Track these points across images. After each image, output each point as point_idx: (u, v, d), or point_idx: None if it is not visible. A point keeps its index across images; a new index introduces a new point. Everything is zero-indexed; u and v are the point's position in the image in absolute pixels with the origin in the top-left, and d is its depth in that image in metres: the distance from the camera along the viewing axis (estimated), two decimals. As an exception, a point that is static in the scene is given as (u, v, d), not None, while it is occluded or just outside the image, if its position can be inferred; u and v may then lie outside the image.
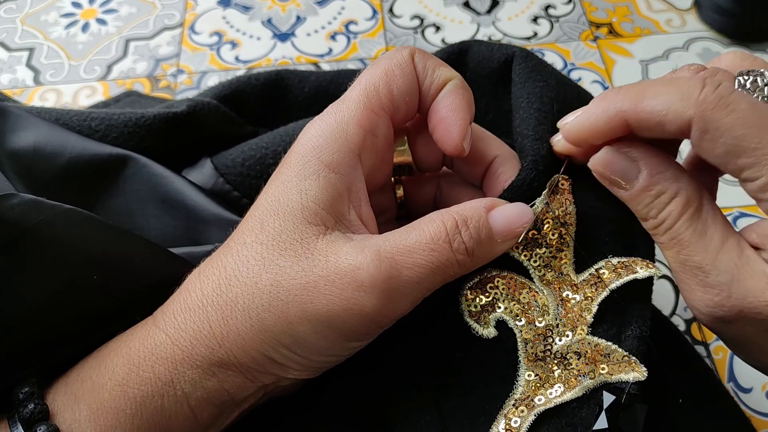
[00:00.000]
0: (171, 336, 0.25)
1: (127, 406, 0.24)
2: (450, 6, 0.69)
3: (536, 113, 0.32)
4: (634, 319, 0.29)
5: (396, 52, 0.29)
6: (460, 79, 0.29)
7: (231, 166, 0.39)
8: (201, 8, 0.70)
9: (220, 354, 0.25)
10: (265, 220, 0.26)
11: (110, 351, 0.26)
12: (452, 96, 0.28)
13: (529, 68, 0.35)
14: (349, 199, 0.27)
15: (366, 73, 0.29)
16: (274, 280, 0.25)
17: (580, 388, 0.27)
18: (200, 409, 0.25)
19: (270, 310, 0.25)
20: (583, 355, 0.28)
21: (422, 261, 0.25)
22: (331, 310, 0.25)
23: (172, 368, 0.25)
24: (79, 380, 0.25)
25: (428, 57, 0.29)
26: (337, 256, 0.25)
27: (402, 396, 0.29)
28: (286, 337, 0.25)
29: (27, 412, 0.24)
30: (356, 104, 0.28)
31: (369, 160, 0.29)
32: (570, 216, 0.29)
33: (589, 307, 0.29)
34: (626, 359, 0.28)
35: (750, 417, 0.44)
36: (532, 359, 0.28)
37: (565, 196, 0.30)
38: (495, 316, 0.29)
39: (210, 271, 0.26)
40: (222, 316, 0.25)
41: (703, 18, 0.66)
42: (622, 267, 0.29)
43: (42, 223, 0.25)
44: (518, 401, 0.27)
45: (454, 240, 0.26)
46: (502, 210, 0.28)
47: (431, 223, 0.26)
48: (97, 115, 0.39)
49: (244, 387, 0.26)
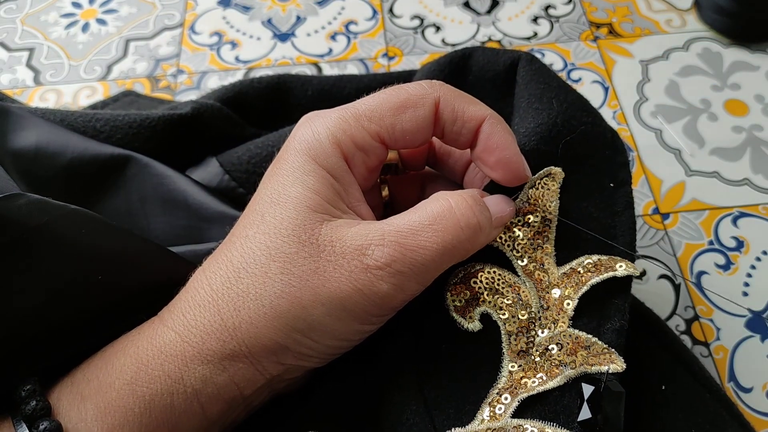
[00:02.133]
0: (180, 333, 0.25)
1: (135, 405, 0.24)
2: (450, 6, 0.69)
3: (534, 111, 0.33)
4: (613, 313, 0.30)
5: (424, 90, 0.28)
6: (493, 113, 0.29)
7: (237, 164, 0.39)
8: (201, 8, 0.70)
9: (232, 345, 0.25)
10: (266, 211, 0.27)
11: (117, 351, 0.26)
12: (499, 135, 0.28)
13: (533, 72, 0.35)
14: (347, 200, 0.28)
15: (384, 94, 0.28)
16: (284, 267, 0.25)
17: (561, 377, 0.28)
18: (210, 406, 0.26)
19: (283, 297, 0.25)
20: (564, 346, 0.29)
21: (427, 243, 0.26)
22: (344, 292, 0.25)
23: (182, 365, 0.25)
24: (85, 380, 0.25)
25: (457, 97, 0.29)
26: (342, 240, 0.25)
27: (389, 386, 0.30)
28: (300, 323, 0.25)
29: (29, 409, 0.24)
30: (356, 120, 0.28)
31: (358, 171, 0.29)
32: (552, 211, 0.30)
33: (570, 301, 0.29)
34: (606, 351, 0.28)
35: (750, 417, 0.44)
36: (516, 350, 0.29)
37: (549, 191, 0.30)
38: (479, 310, 0.29)
39: (216, 267, 0.26)
40: (234, 307, 0.25)
41: (703, 18, 0.66)
42: (602, 264, 0.30)
43: (48, 223, 0.25)
44: (502, 390, 0.28)
45: (463, 215, 0.27)
46: (491, 198, 0.29)
47: (436, 202, 0.27)
48: (102, 116, 0.39)
49: (254, 380, 0.26)
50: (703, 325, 0.48)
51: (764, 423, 0.44)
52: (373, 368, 0.30)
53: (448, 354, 0.30)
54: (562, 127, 0.32)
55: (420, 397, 0.29)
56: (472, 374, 0.29)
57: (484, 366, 0.29)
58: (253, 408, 0.28)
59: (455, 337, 0.30)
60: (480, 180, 0.32)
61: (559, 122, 0.32)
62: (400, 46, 0.66)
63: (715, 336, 0.48)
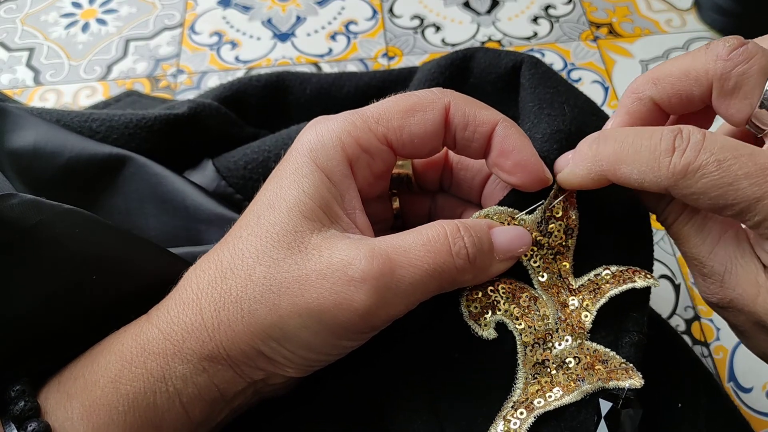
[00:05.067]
0: (163, 330, 0.25)
1: (119, 403, 0.24)
2: (450, 6, 0.69)
3: (547, 117, 0.32)
4: (631, 327, 0.29)
5: (433, 96, 0.28)
6: (505, 118, 0.28)
7: (233, 169, 0.39)
8: (201, 8, 0.70)
9: (210, 347, 0.25)
10: (262, 213, 0.26)
11: (103, 349, 0.26)
12: (514, 138, 0.28)
13: (539, 75, 0.35)
14: (343, 206, 0.27)
15: (394, 99, 0.28)
16: (267, 272, 0.25)
17: (578, 392, 0.27)
18: (192, 406, 0.25)
19: (261, 302, 0.25)
20: (582, 360, 0.28)
21: (418, 261, 0.25)
22: (322, 305, 0.24)
23: (163, 363, 0.25)
24: (71, 378, 0.25)
25: (468, 102, 0.28)
26: (330, 251, 0.25)
27: (398, 395, 0.29)
28: (276, 331, 0.25)
29: (17, 410, 0.24)
30: (363, 122, 0.27)
31: (362, 175, 0.28)
32: (573, 221, 0.29)
33: (587, 313, 0.29)
34: (623, 366, 0.28)
35: (750, 417, 0.44)
36: (531, 362, 0.28)
37: (569, 201, 0.30)
38: (495, 318, 0.29)
39: (206, 266, 0.26)
40: (215, 308, 0.25)
41: (703, 18, 0.66)
42: (620, 275, 0.29)
43: (41, 224, 0.25)
44: (517, 403, 0.27)
45: (455, 243, 0.26)
46: (504, 229, 0.28)
47: (431, 228, 0.26)
48: (98, 117, 0.39)
49: (234, 382, 0.26)
50: (703, 325, 0.48)
51: (764, 423, 0.44)
52: (381, 371, 0.30)
53: (461, 363, 0.29)
54: (576, 135, 0.31)
55: (430, 407, 0.28)
56: (486, 385, 0.28)
57: (497, 377, 0.28)
58: (239, 409, 0.28)
59: (469, 346, 0.29)
60: (500, 192, 0.30)
61: (573, 130, 0.32)
62: (400, 46, 0.66)
63: (715, 336, 0.48)
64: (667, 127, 0.26)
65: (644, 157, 0.26)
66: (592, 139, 0.28)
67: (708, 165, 0.24)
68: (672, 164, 0.25)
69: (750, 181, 0.24)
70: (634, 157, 0.26)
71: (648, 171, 0.26)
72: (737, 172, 0.24)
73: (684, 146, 0.25)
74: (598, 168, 0.27)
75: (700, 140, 0.25)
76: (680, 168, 0.25)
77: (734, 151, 0.24)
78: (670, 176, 0.25)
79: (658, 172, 0.25)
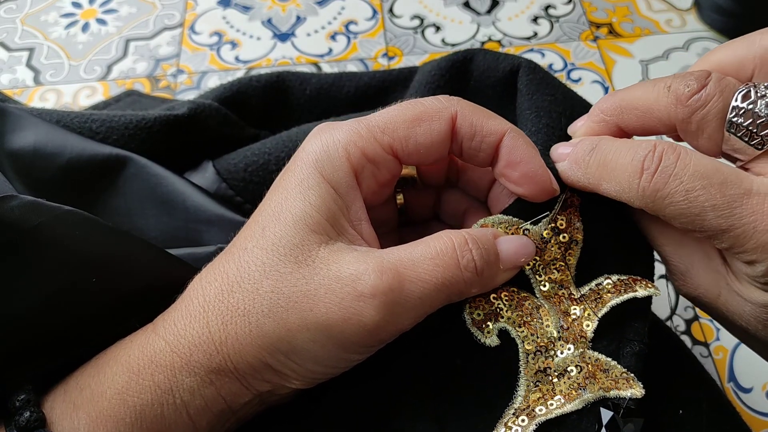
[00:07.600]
0: (170, 343, 0.25)
1: (126, 415, 0.24)
2: (450, 6, 0.69)
3: (545, 128, 0.32)
4: (633, 337, 0.29)
5: (440, 104, 0.28)
6: (513, 127, 0.28)
7: (233, 171, 0.39)
8: (201, 8, 0.70)
9: (218, 360, 0.25)
10: (267, 225, 0.26)
11: (109, 359, 0.26)
12: (522, 149, 0.28)
13: (537, 80, 0.35)
14: (348, 217, 0.27)
15: (400, 107, 0.28)
16: (275, 286, 0.25)
17: (579, 401, 0.27)
18: (199, 417, 0.25)
19: (269, 316, 0.25)
20: (583, 368, 0.28)
21: (426, 275, 0.25)
22: (330, 319, 0.24)
23: (171, 376, 0.25)
24: (77, 388, 0.25)
25: (475, 112, 0.28)
26: (338, 264, 0.25)
27: (400, 401, 0.29)
28: (284, 344, 0.25)
29: (23, 420, 0.24)
30: (368, 132, 0.27)
31: (367, 185, 0.28)
32: (577, 231, 0.30)
33: (589, 322, 0.29)
34: (624, 375, 0.28)
35: (750, 417, 0.44)
36: (533, 370, 0.28)
37: (573, 211, 0.30)
38: (498, 326, 0.29)
39: (212, 278, 0.26)
40: (222, 321, 0.25)
41: (703, 18, 0.66)
42: (622, 285, 0.29)
43: (41, 225, 0.25)
44: (518, 410, 0.28)
45: (463, 257, 0.26)
46: (509, 239, 0.28)
47: (438, 239, 0.26)
48: (98, 117, 0.38)
49: (241, 394, 0.26)
50: (703, 326, 0.48)
51: (764, 423, 0.44)
52: (384, 377, 0.30)
53: (463, 369, 0.29)
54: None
55: (432, 413, 0.28)
56: (487, 392, 0.28)
57: (499, 384, 0.28)
58: (245, 418, 0.28)
59: (471, 353, 0.29)
60: (506, 198, 0.30)
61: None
62: (400, 46, 0.66)
63: (715, 336, 0.48)
64: (643, 144, 0.26)
65: (619, 175, 0.26)
66: (589, 148, 0.28)
67: (675, 194, 0.25)
68: (641, 188, 0.25)
69: (716, 213, 0.24)
70: (611, 175, 0.27)
71: (622, 190, 0.26)
72: (704, 204, 0.24)
73: (653, 169, 0.25)
74: (586, 181, 0.28)
75: (672, 164, 0.25)
76: (649, 192, 0.25)
77: (704, 180, 0.24)
78: (641, 198, 0.25)
79: (629, 193, 0.26)
